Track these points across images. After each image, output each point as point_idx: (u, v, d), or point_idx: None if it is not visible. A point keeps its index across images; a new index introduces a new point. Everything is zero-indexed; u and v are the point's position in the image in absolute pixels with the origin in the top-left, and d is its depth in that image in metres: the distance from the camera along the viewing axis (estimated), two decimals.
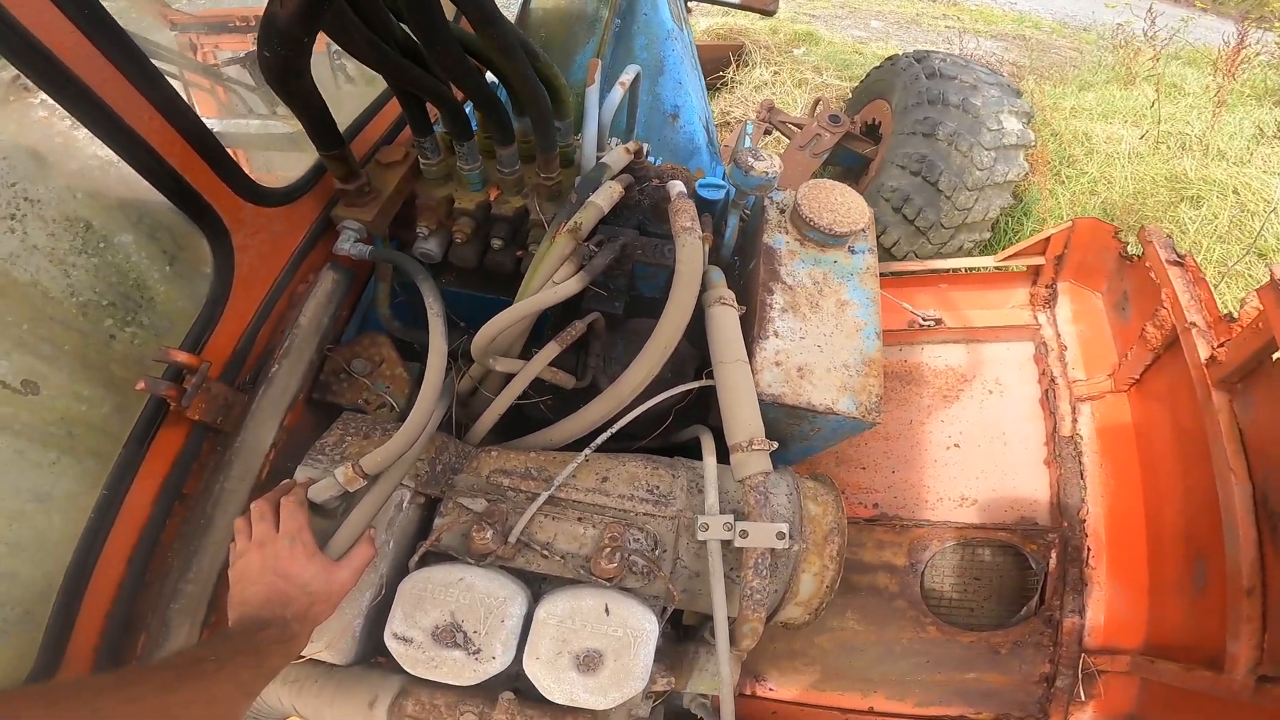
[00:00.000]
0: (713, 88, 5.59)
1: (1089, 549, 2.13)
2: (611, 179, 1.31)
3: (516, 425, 1.43)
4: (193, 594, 1.16)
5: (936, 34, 7.87)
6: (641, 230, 1.41)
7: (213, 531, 1.20)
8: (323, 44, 2.47)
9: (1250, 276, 4.00)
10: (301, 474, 1.21)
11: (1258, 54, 6.58)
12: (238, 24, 2.52)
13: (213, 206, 1.15)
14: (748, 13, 3.75)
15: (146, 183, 1.04)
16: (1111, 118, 5.59)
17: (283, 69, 0.98)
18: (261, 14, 0.91)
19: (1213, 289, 1.93)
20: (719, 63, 5.68)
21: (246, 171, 1.21)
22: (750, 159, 1.29)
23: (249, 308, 1.28)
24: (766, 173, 1.29)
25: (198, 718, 0.75)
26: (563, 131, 1.40)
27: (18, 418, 0.99)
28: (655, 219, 1.40)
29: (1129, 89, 6.25)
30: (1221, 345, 1.79)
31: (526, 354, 1.35)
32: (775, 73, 5.58)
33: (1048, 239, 2.27)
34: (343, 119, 1.24)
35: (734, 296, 1.28)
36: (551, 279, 1.23)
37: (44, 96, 0.92)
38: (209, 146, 1.11)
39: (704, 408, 1.48)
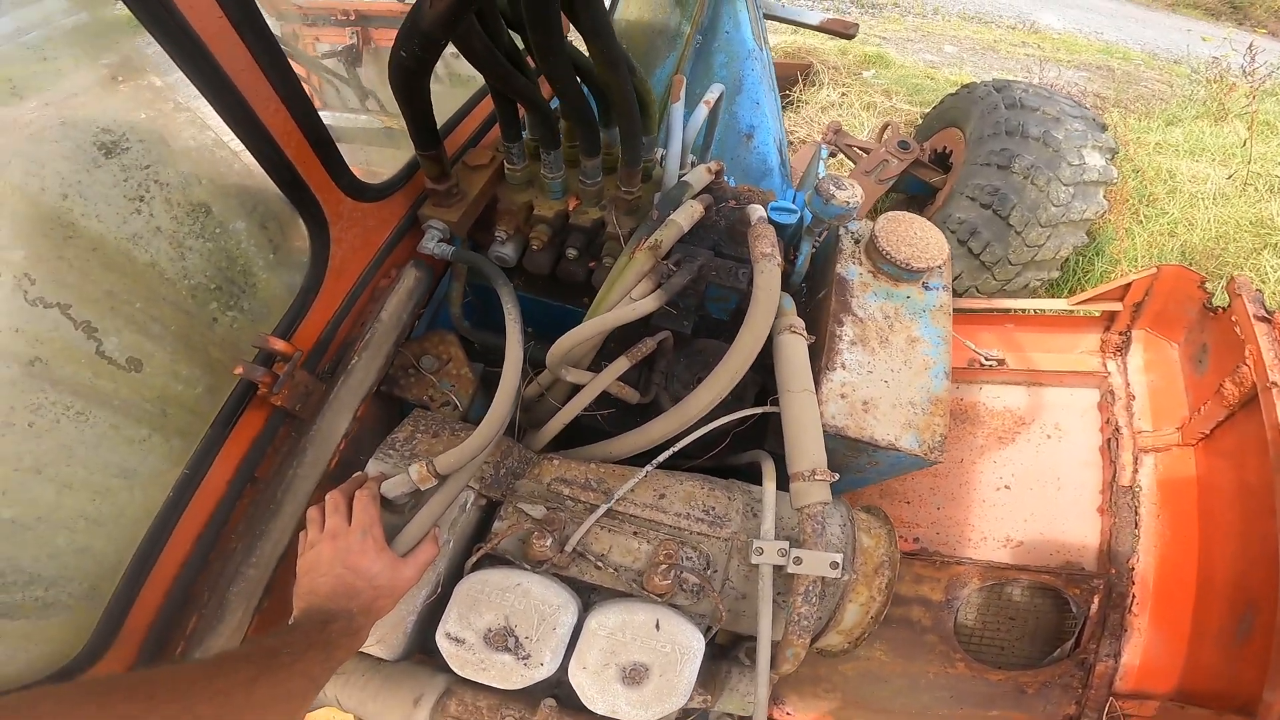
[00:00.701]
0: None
1: (1134, 595, 2.12)
2: (692, 198, 1.34)
3: (574, 434, 1.46)
4: (253, 577, 1.19)
5: (1015, 61, 7.68)
6: (717, 251, 1.43)
7: (280, 517, 1.24)
8: None
9: None
10: (373, 467, 1.26)
11: None
12: (339, 18, 2.64)
13: (317, 199, 1.20)
14: (821, 33, 3.72)
15: (259, 171, 1.09)
16: (1199, 155, 5.38)
17: (415, 70, 1.04)
18: (406, 14, 0.97)
19: None
20: (786, 81, 5.62)
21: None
22: (832, 188, 1.30)
23: (336, 299, 1.34)
24: (847, 203, 1.29)
25: (276, 712, 0.79)
26: (646, 146, 1.43)
27: (118, 393, 1.03)
28: (730, 241, 1.42)
29: (1220, 125, 5.99)
30: None
31: (595, 365, 1.38)
32: (843, 94, 5.52)
33: (1128, 285, 2.21)
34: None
35: (804, 325, 1.29)
36: (629, 295, 1.26)
37: (154, 79, 0.99)
38: (323, 141, 1.17)
39: (760, 431, 1.49)
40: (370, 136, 2.08)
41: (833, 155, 3.71)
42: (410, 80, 1.07)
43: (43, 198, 0.91)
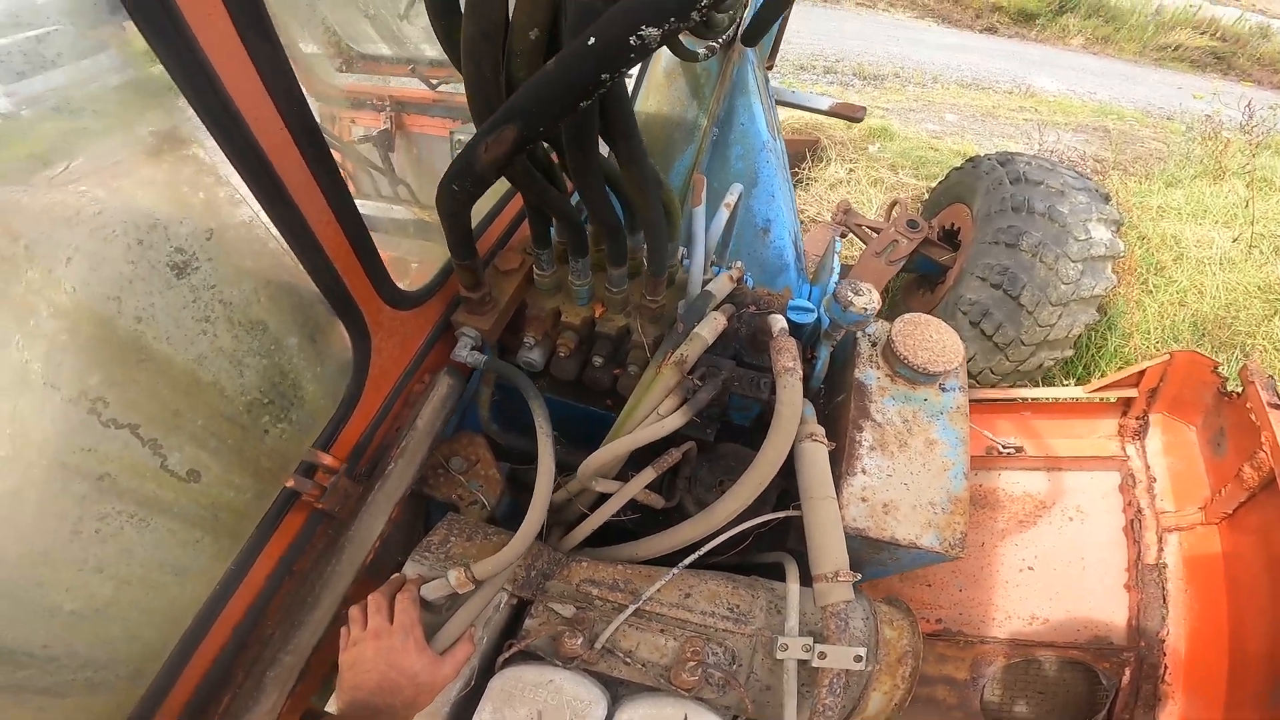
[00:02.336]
0: None
1: (1166, 666, 2.14)
2: (715, 309, 1.43)
3: (600, 533, 1.52)
4: (288, 664, 1.27)
5: (1014, 127, 7.97)
6: (738, 360, 1.51)
7: (317, 609, 1.32)
8: (445, 130, 2.71)
9: None
10: (411, 569, 1.33)
11: None
12: (375, 102, 2.79)
13: (361, 310, 1.29)
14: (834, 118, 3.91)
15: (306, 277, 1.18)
16: (1201, 218, 5.52)
17: (464, 202, 1.15)
18: (460, 154, 1.06)
19: None
20: (795, 158, 5.76)
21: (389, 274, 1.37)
22: (850, 294, 1.39)
23: (374, 406, 1.43)
24: (865, 309, 1.38)
25: None
26: (670, 251, 1.52)
27: (177, 502, 1.12)
28: (752, 349, 1.51)
29: (1219, 185, 6.15)
30: None
31: (621, 473, 1.45)
32: (850, 170, 5.69)
33: (1143, 371, 2.29)
34: None
35: (824, 432, 1.36)
36: (656, 410, 1.34)
37: (195, 150, 1.04)
38: (369, 253, 1.26)
39: (782, 528, 1.55)
40: (403, 228, 2.20)
41: (843, 236, 3.84)
42: (458, 210, 1.18)
43: (119, 322, 1.00)
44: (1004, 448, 2.41)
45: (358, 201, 2.43)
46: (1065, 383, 3.89)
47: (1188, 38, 15.93)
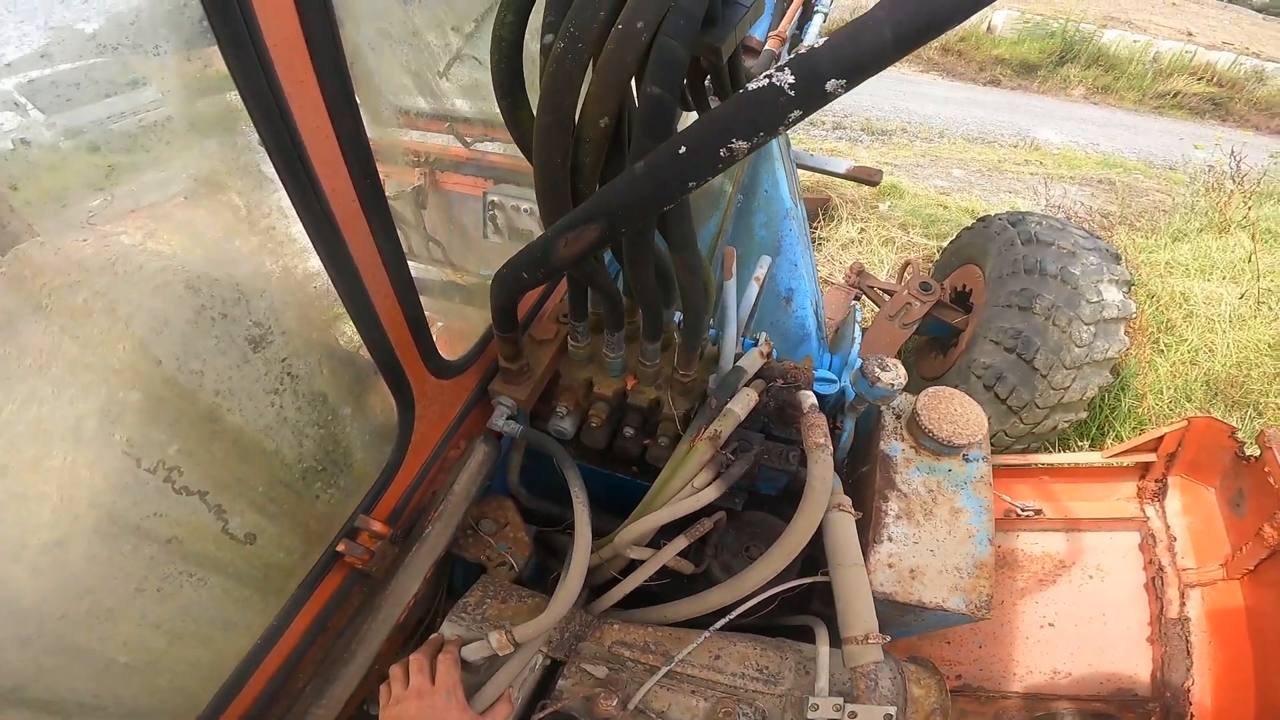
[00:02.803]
0: None
1: (1192, 715, 2.17)
2: (746, 384, 1.50)
3: (630, 596, 1.57)
4: (321, 717, 1.31)
5: (1020, 182, 8.14)
6: (767, 434, 1.57)
7: (352, 664, 1.36)
8: (478, 189, 2.78)
9: None
10: (449, 630, 1.37)
11: None
12: (411, 158, 2.84)
13: (409, 380, 1.36)
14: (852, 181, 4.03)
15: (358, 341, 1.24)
16: (1209, 273, 5.58)
17: (527, 288, 1.25)
18: (535, 244, 1.14)
19: None
20: (807, 217, 5.90)
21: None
22: (877, 370, 1.46)
23: (414, 470, 1.49)
24: (892, 384, 1.45)
25: None
26: (706, 321, 1.55)
27: (234, 563, 1.19)
28: (780, 423, 1.57)
29: (1224, 238, 6.21)
30: None
31: (653, 539, 1.50)
32: (861, 229, 5.82)
33: (1160, 437, 2.34)
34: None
35: (850, 502, 1.42)
36: (691, 483, 1.40)
37: (235, 195, 1.08)
38: (419, 325, 1.33)
39: (805, 593, 1.59)
40: (432, 288, 2.28)
41: (857, 299, 3.92)
42: (517, 294, 1.27)
43: (200, 395, 1.07)
44: (1023, 510, 2.45)
45: None
46: (1079, 444, 3.92)
47: (1185, 84, 16.28)
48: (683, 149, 0.87)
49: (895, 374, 1.46)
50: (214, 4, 0.77)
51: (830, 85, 0.77)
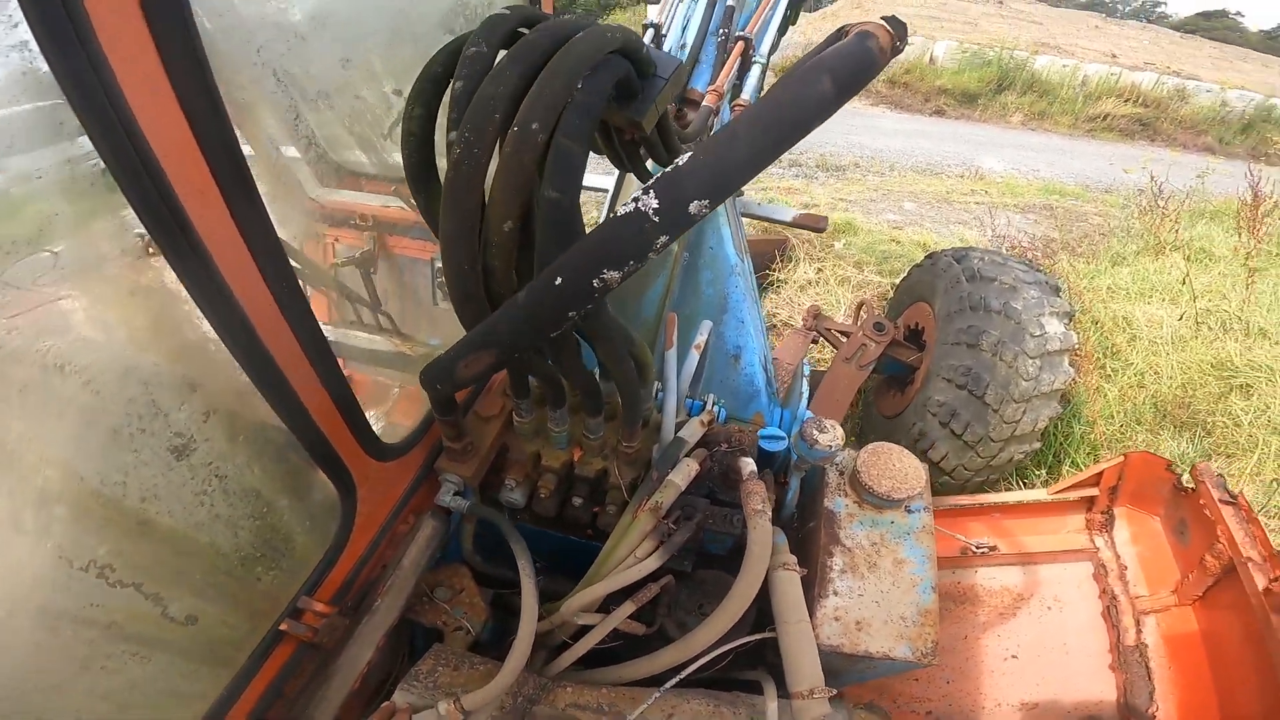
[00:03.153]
0: (759, 288, 5.84)
1: None
2: (688, 453, 1.53)
3: (588, 656, 1.56)
4: None
5: (967, 212, 8.45)
6: (712, 498, 1.60)
7: None
8: (427, 253, 2.79)
9: None
10: (400, 698, 1.37)
11: (1276, 203, 6.75)
12: (359, 221, 2.79)
13: (347, 467, 1.37)
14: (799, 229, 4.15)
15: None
16: (1149, 296, 5.78)
17: (450, 399, 1.27)
18: (442, 364, 1.15)
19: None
20: (765, 259, 5.93)
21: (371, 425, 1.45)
22: (815, 433, 1.51)
23: (361, 548, 1.49)
24: (830, 446, 1.50)
25: None
26: (644, 397, 1.59)
27: (177, 641, 1.20)
28: (724, 486, 1.60)
29: (1160, 259, 6.43)
30: (1276, 579, 1.93)
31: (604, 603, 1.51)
32: (818, 269, 5.96)
33: (1101, 473, 2.42)
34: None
35: (795, 560, 1.45)
36: (634, 553, 1.42)
37: (141, 300, 1.06)
38: (353, 412, 1.34)
39: (760, 645, 1.60)
40: (383, 359, 2.28)
41: (815, 341, 4.02)
42: (443, 398, 1.29)
43: (125, 502, 1.07)
44: (977, 548, 2.50)
45: (340, 331, 2.50)
46: (1036, 473, 4.03)
47: (1114, 107, 17.24)
48: (558, 281, 0.89)
49: (833, 435, 1.51)
50: (93, 121, 0.75)
51: (694, 208, 0.80)
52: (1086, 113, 17.15)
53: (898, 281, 4.66)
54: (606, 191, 3.17)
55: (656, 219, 0.81)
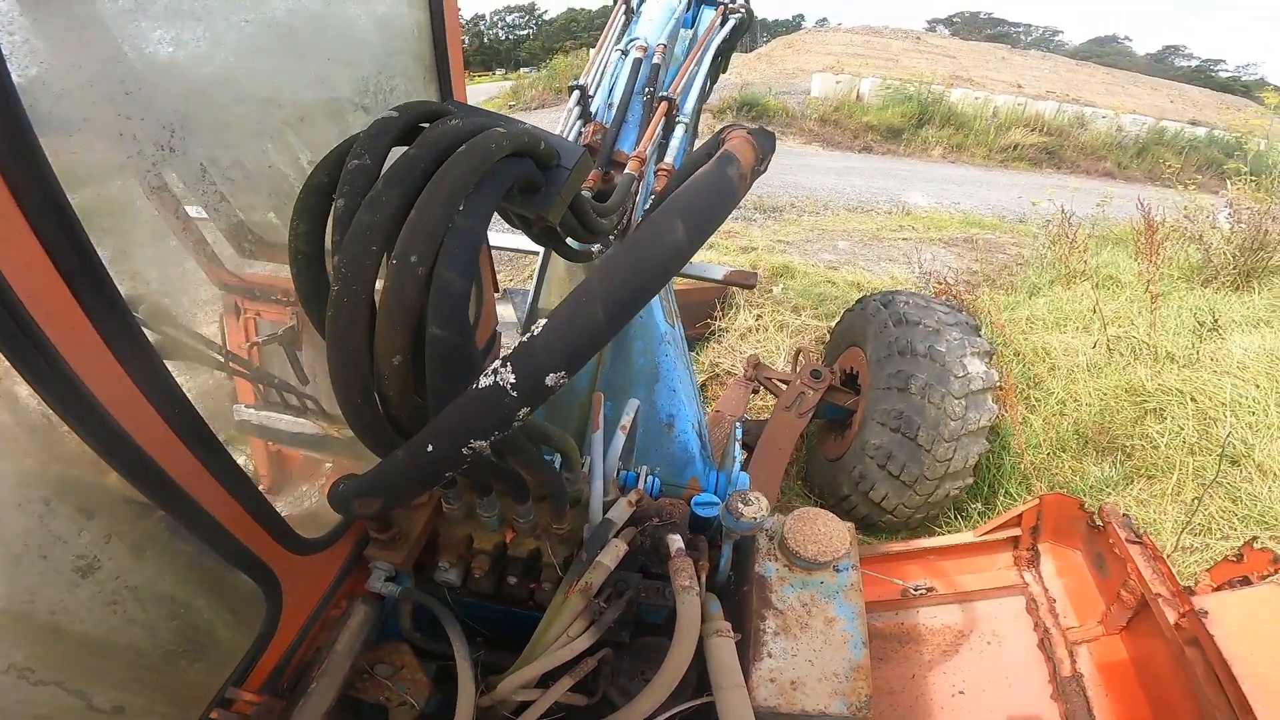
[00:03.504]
0: (700, 338, 6.03)
1: None
2: (616, 534, 1.57)
3: None
4: None
5: (896, 248, 8.87)
6: (644, 571, 1.64)
7: None
8: None
9: (1231, 485, 4.24)
10: None
11: (1172, 228, 7.21)
12: (281, 297, 2.76)
13: (269, 566, 1.37)
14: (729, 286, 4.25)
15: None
16: (1064, 325, 6.09)
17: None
18: (341, 496, 1.11)
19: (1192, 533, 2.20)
20: (707, 307, 6.11)
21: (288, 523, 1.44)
22: (740, 505, 1.57)
23: (290, 635, 1.48)
24: (755, 518, 1.56)
25: None
26: (572, 481, 1.63)
27: None
28: (656, 559, 1.64)
29: (1072, 288, 6.81)
30: (1185, 614, 2.04)
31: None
32: (758, 316, 6.13)
33: (1020, 515, 2.56)
34: None
35: (730, 626, 1.49)
36: (567, 632, 1.44)
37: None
38: (268, 516, 1.33)
39: (706, 709, 1.63)
40: (309, 442, 2.24)
41: (756, 391, 4.13)
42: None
43: (35, 616, 1.07)
44: (915, 589, 2.58)
45: (263, 414, 2.44)
46: (973, 505, 4.18)
47: (1022, 136, 18.56)
48: (429, 448, 0.87)
49: (758, 507, 1.57)
50: None
51: (551, 380, 0.81)
52: (999, 143, 18.35)
53: (833, 325, 4.82)
54: (538, 254, 3.22)
55: (515, 393, 0.81)
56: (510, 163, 1.00)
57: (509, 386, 0.81)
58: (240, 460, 1.30)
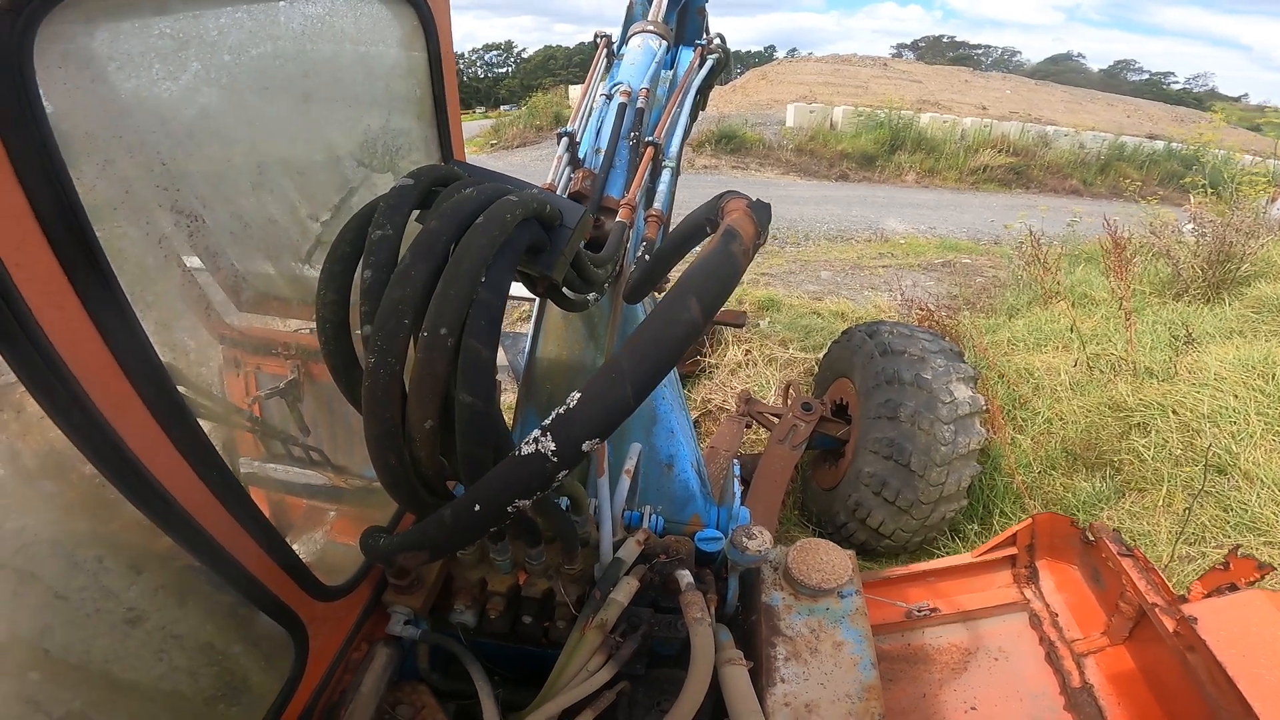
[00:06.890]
0: (691, 375, 6.17)
1: None
2: (627, 572, 1.66)
3: None
4: None
5: (877, 276, 9.13)
6: (656, 606, 1.73)
7: None
8: None
9: (1220, 494, 4.34)
10: None
11: (1140, 243, 7.45)
12: (281, 350, 2.72)
13: (295, 612, 1.45)
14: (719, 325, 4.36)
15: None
16: (1044, 345, 6.25)
17: None
18: (383, 550, 1.20)
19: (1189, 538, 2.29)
20: (696, 345, 6.11)
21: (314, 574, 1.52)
22: (744, 539, 1.69)
23: (317, 678, 1.56)
24: (759, 551, 1.67)
25: None
26: (580, 523, 1.72)
27: None
28: (666, 593, 1.73)
29: (1049, 308, 6.99)
30: (1182, 620, 2.12)
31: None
32: (746, 351, 6.28)
33: (1014, 534, 2.68)
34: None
35: (741, 655, 1.57)
36: (585, 667, 1.52)
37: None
38: (294, 565, 1.42)
39: None
40: (317, 493, 2.31)
41: (749, 426, 4.26)
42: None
43: (90, 665, 1.16)
44: (919, 611, 2.68)
45: (269, 467, 2.49)
46: (970, 526, 4.30)
47: (990, 158, 19.13)
48: (477, 508, 0.96)
49: (761, 540, 1.68)
50: None
51: (587, 446, 0.91)
52: (969, 166, 18.87)
53: (821, 357, 4.96)
54: (531, 300, 3.32)
55: (555, 459, 0.91)
56: (521, 229, 1.10)
57: (549, 453, 0.91)
58: None
